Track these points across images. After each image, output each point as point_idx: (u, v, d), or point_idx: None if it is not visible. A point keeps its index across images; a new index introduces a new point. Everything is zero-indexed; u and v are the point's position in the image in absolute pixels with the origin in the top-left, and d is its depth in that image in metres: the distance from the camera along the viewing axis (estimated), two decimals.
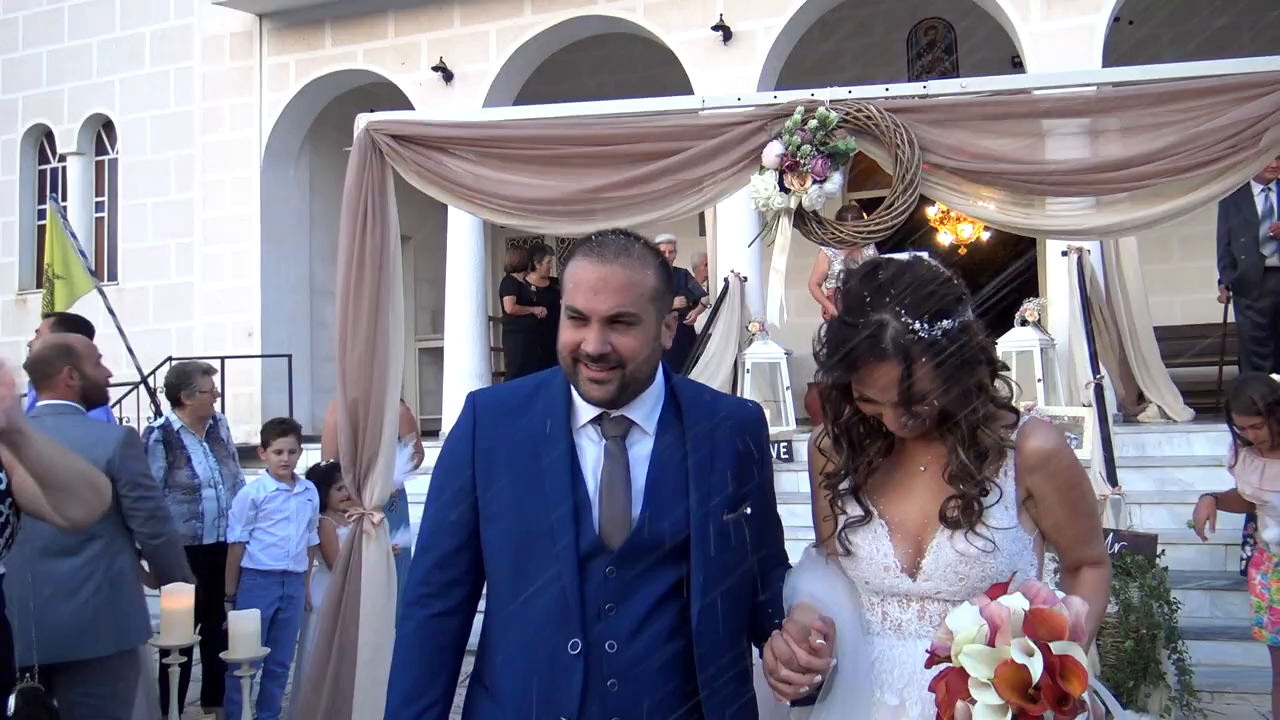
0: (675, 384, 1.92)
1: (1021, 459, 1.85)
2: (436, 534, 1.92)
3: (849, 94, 3.14)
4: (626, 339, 1.76)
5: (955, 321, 1.75)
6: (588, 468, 1.83)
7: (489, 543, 1.87)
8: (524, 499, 1.81)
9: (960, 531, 1.80)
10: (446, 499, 1.90)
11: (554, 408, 1.86)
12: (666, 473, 1.82)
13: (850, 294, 1.81)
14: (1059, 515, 1.88)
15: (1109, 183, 2.93)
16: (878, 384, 1.75)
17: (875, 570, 1.88)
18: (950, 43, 11.90)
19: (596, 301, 1.74)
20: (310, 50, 11.15)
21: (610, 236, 1.83)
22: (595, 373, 1.76)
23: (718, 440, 1.87)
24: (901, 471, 1.92)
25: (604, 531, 1.79)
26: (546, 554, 1.78)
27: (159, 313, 11.64)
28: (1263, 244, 7.41)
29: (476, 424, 1.90)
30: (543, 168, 3.44)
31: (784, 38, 9.57)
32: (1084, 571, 1.96)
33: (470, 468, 1.87)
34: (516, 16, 10.32)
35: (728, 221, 8.96)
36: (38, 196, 12.94)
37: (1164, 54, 10.46)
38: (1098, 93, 3.18)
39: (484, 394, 2.00)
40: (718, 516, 1.82)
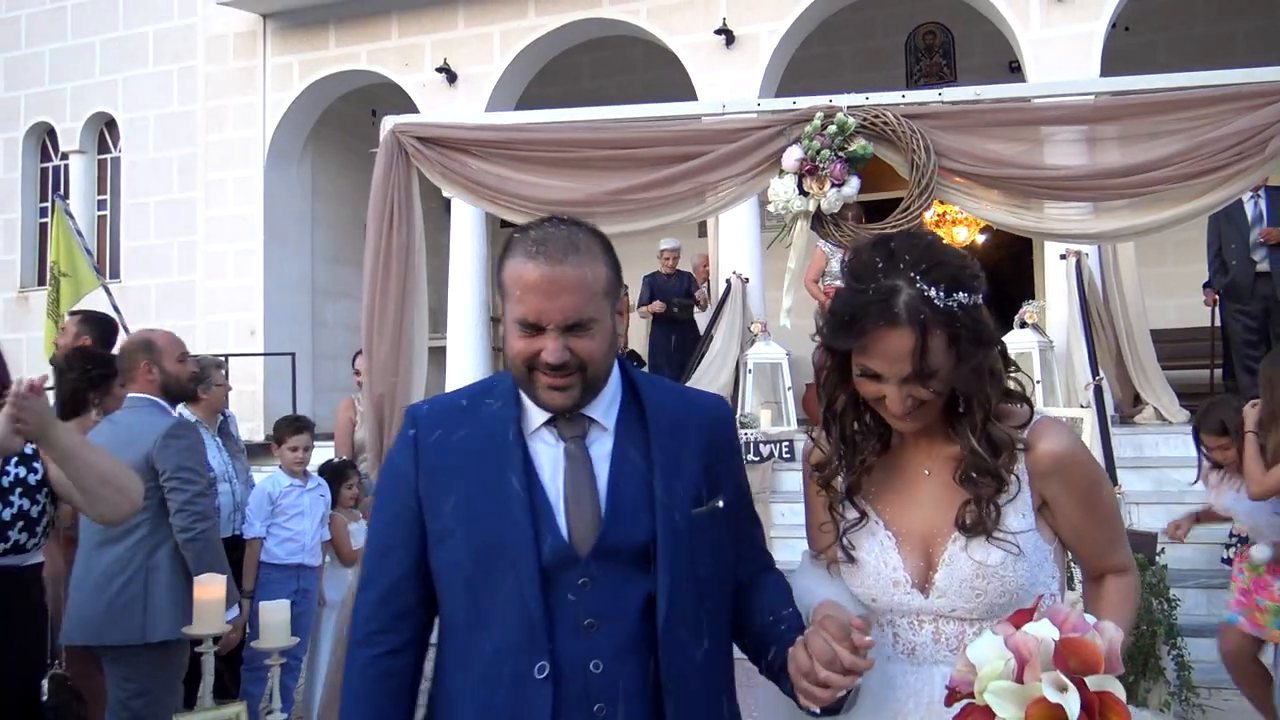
0: (633, 376, 1.78)
1: (1033, 463, 1.70)
2: (381, 562, 1.74)
3: (866, 100, 3.22)
4: (586, 342, 1.62)
5: (971, 298, 1.62)
6: (546, 472, 1.67)
7: (440, 566, 1.69)
8: (477, 513, 1.65)
9: (978, 539, 1.66)
10: (390, 523, 1.74)
11: (503, 412, 1.71)
12: (630, 469, 1.68)
13: (860, 262, 1.66)
14: (1078, 522, 1.73)
15: (1111, 188, 3.03)
16: (887, 354, 1.60)
17: (883, 585, 1.73)
18: (948, 48, 12.01)
19: (551, 310, 1.58)
20: (314, 51, 11.21)
21: (551, 230, 1.64)
22: (555, 379, 1.62)
23: (682, 432, 1.73)
24: (904, 477, 1.78)
25: (574, 538, 1.63)
26: (505, 568, 1.62)
27: (161, 311, 11.68)
28: (1253, 250, 7.55)
29: (418, 440, 1.73)
30: (565, 170, 3.52)
31: (786, 42, 9.67)
32: (1108, 581, 1.80)
33: (414, 487, 1.71)
34: (520, 18, 10.40)
35: (730, 223, 9.05)
36: (40, 194, 12.97)
37: (1161, 60, 10.59)
38: (1103, 101, 3.27)
39: (423, 406, 1.83)
40: (685, 511, 1.67)
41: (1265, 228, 7.45)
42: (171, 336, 4.15)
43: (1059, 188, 3.07)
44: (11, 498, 2.66)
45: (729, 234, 9.23)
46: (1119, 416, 7.96)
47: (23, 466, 2.74)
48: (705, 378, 8.62)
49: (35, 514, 2.71)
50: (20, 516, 2.67)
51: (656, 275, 9.78)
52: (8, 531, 2.62)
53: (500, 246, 1.71)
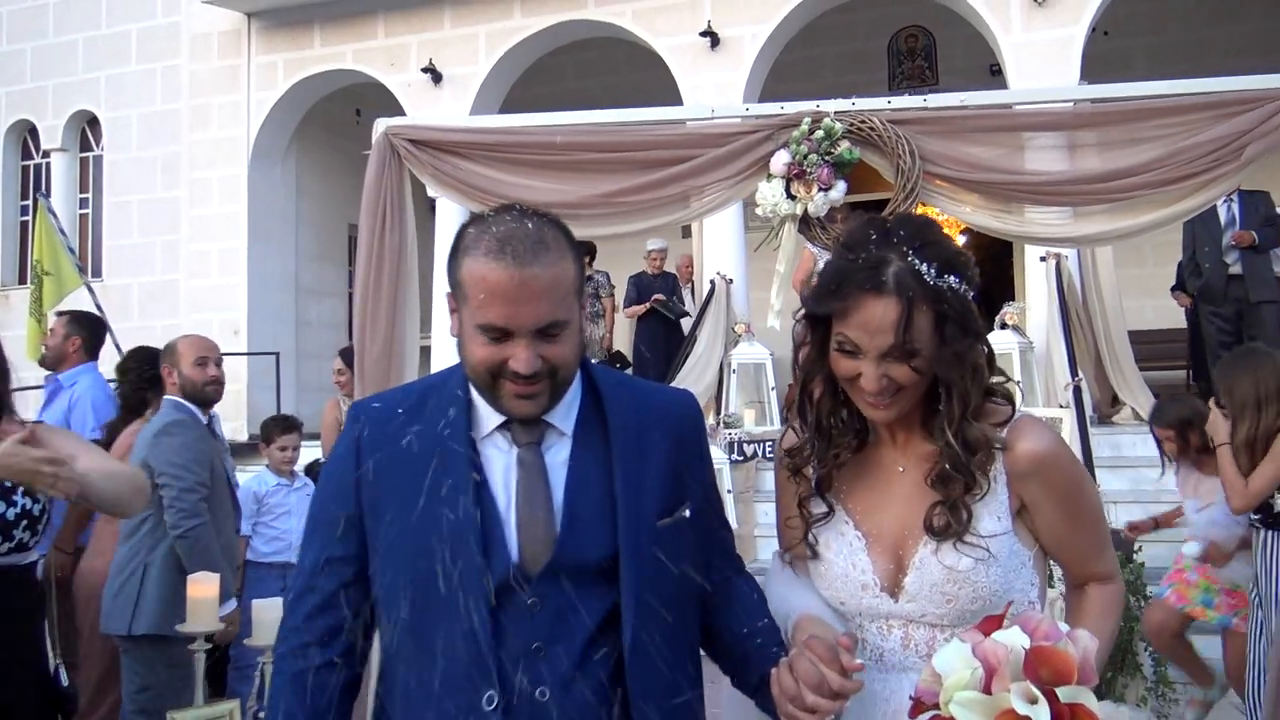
0: (593, 374, 1.64)
1: (1012, 463, 1.62)
2: (317, 572, 1.59)
3: (853, 105, 3.29)
4: (558, 347, 1.50)
5: (962, 285, 1.56)
6: (497, 481, 1.54)
7: (380, 582, 1.55)
8: (420, 524, 1.51)
9: (948, 543, 1.59)
10: (328, 529, 1.60)
11: (451, 414, 1.57)
12: (589, 478, 1.55)
13: (854, 234, 1.60)
14: (1059, 527, 1.64)
15: (1090, 193, 3.10)
16: (868, 324, 1.53)
17: (852, 588, 1.65)
18: (930, 51, 12.12)
19: (521, 315, 1.45)
20: (299, 50, 11.20)
21: (514, 225, 1.49)
22: (525, 388, 1.49)
23: (647, 435, 1.60)
24: (877, 474, 1.70)
25: (524, 555, 1.51)
26: (450, 588, 1.48)
27: (144, 310, 11.64)
28: (1225, 253, 7.68)
29: (361, 439, 1.60)
30: (557, 172, 3.57)
31: (770, 44, 9.74)
32: (1091, 589, 1.71)
33: (355, 491, 1.57)
34: (506, 19, 10.43)
35: (714, 225, 9.11)
36: (21, 192, 12.90)
37: (1140, 64, 10.73)
38: (1083, 107, 3.35)
39: (369, 402, 1.69)
40: (650, 524, 1.55)
41: (1237, 231, 7.57)
42: (196, 341, 4.23)
43: (1039, 192, 3.15)
44: (15, 497, 2.68)
45: (713, 236, 9.30)
46: (1097, 416, 8.07)
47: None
48: (690, 378, 8.68)
49: (38, 512, 2.74)
50: (24, 515, 2.69)
51: (642, 276, 9.84)
52: (12, 530, 2.66)
53: None
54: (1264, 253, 7.59)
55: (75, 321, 5.10)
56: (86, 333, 5.08)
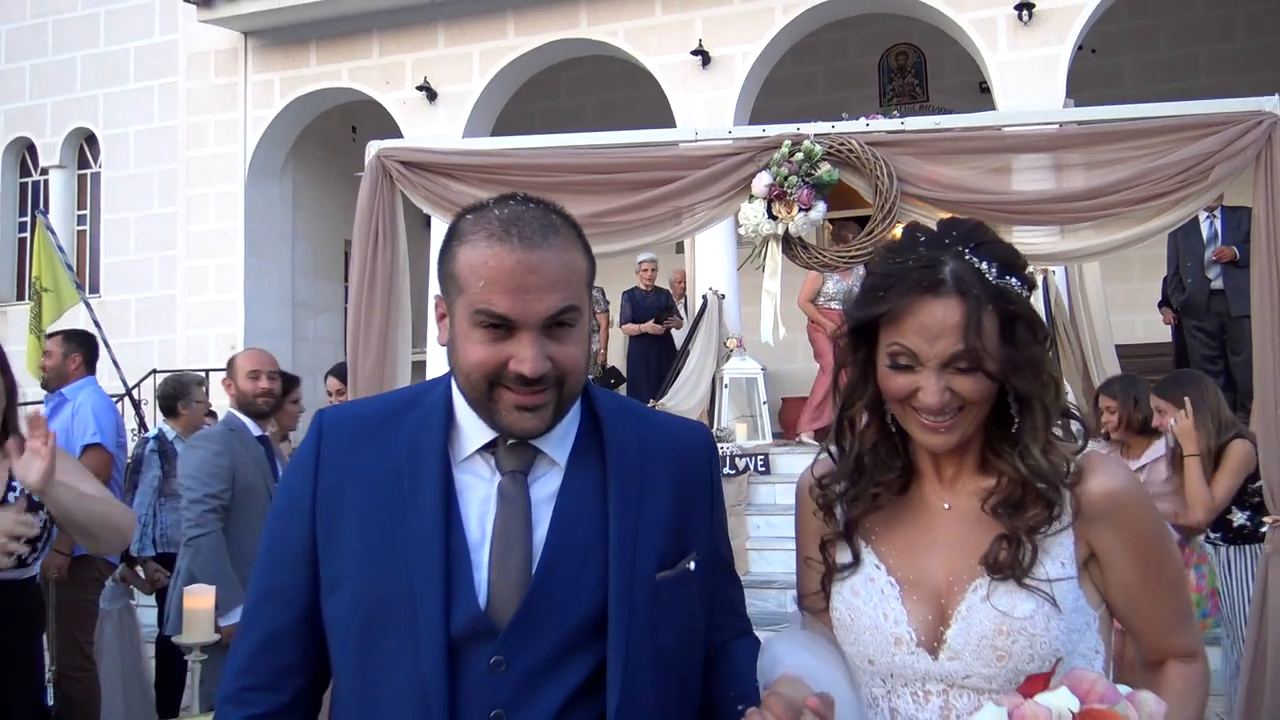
0: (594, 397, 1.44)
1: (1083, 502, 1.38)
2: (265, 605, 1.40)
3: (832, 129, 3.38)
4: (568, 347, 1.31)
5: (1024, 286, 1.37)
6: (471, 514, 1.33)
7: (331, 621, 1.36)
8: (376, 558, 1.32)
9: (1007, 584, 1.34)
10: (277, 556, 1.41)
11: (427, 431, 1.37)
12: (578, 517, 1.34)
13: (901, 241, 1.43)
14: (1134, 585, 1.39)
15: (1070, 212, 3.19)
16: (927, 328, 1.32)
17: (882, 642, 1.40)
18: (920, 68, 12.26)
19: (530, 302, 1.26)
20: (295, 68, 11.31)
21: (519, 208, 1.32)
22: (529, 397, 1.29)
23: (650, 471, 1.40)
24: (914, 513, 1.46)
25: (493, 604, 1.29)
26: (402, 636, 1.29)
27: (141, 325, 11.72)
28: (1207, 268, 7.80)
29: (321, 454, 1.40)
30: (545, 193, 3.60)
31: (761, 62, 9.86)
32: (1170, 669, 1.45)
33: (310, 514, 1.37)
34: (500, 38, 10.55)
35: (706, 241, 9.21)
36: (19, 209, 12.99)
37: (1127, 82, 10.87)
38: (1061, 130, 3.45)
39: (335, 412, 1.48)
40: (648, 576, 1.34)
41: (1219, 246, 7.69)
42: (252, 355, 4.39)
43: (1015, 211, 3.24)
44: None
45: (705, 251, 9.40)
46: (1085, 430, 8.14)
47: None
48: (682, 392, 8.77)
49: (38, 528, 2.82)
50: None
51: (635, 291, 9.93)
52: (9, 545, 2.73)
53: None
54: (1246, 268, 7.68)
55: (70, 340, 5.18)
56: (84, 349, 5.16)
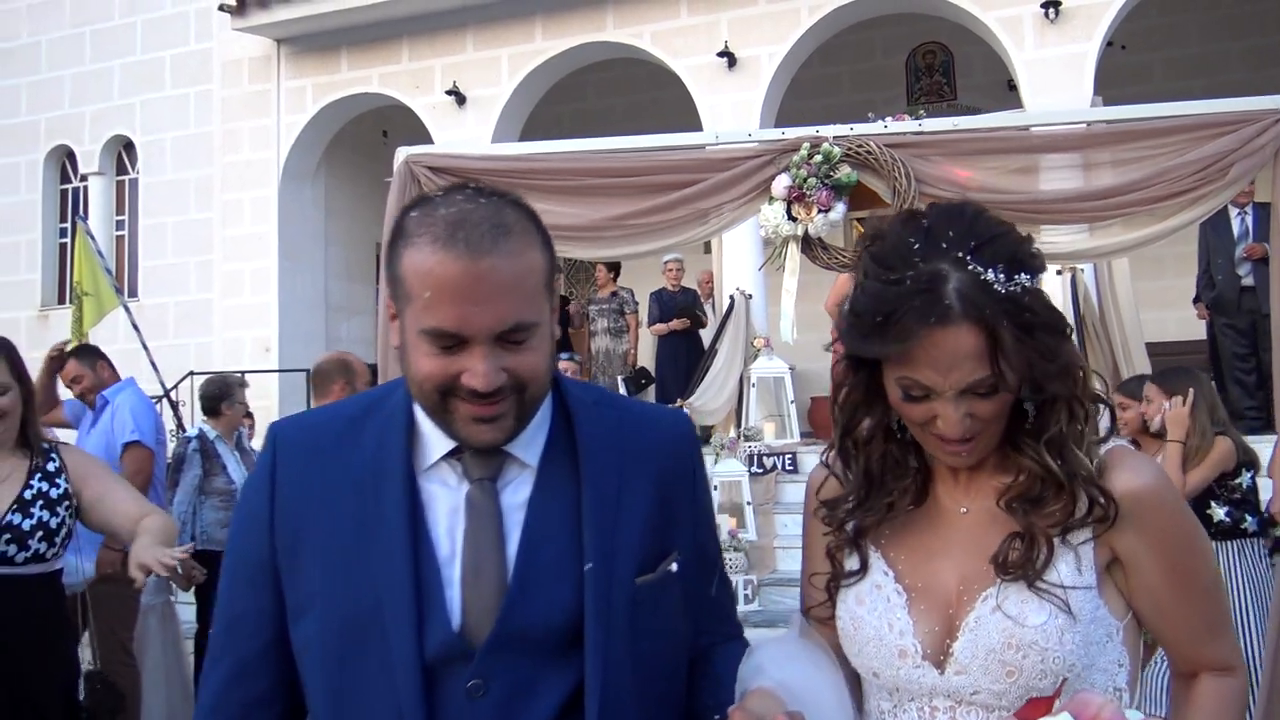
0: (565, 392, 1.35)
1: None
2: (231, 633, 1.32)
3: (850, 131, 3.44)
4: (526, 356, 1.21)
5: (1035, 278, 1.24)
6: (440, 527, 1.25)
7: (300, 647, 1.28)
8: (342, 580, 1.24)
9: (1018, 587, 1.25)
10: (239, 582, 1.33)
11: (388, 440, 1.28)
12: (553, 524, 1.26)
13: (889, 245, 1.27)
14: (1162, 591, 1.28)
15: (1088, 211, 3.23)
16: (940, 361, 1.21)
17: (887, 655, 1.31)
18: (948, 67, 12.23)
19: (478, 317, 1.16)
20: (327, 74, 11.49)
21: (467, 206, 1.19)
22: (485, 408, 1.20)
23: (628, 467, 1.31)
24: (928, 517, 1.37)
25: (468, 624, 1.22)
26: (372, 662, 1.22)
27: (179, 328, 11.94)
28: (1238, 265, 7.75)
29: (276, 470, 1.31)
30: (568, 197, 3.74)
31: (786, 63, 9.89)
32: (1204, 682, 1.33)
33: (268, 535, 1.29)
34: (528, 42, 10.65)
35: (733, 242, 9.26)
36: (59, 215, 13.27)
37: (1157, 78, 10.80)
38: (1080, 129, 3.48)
39: (290, 424, 1.39)
40: (626, 582, 1.26)
41: (1250, 243, 7.64)
42: (363, 364, 4.45)
43: (1035, 210, 3.28)
44: (33, 509, 2.84)
45: (732, 252, 9.45)
46: (1114, 428, 8.11)
47: (45, 481, 2.92)
48: (709, 391, 8.82)
49: (54, 525, 2.88)
50: (40, 527, 2.83)
51: (663, 292, 10.00)
52: (28, 540, 2.80)
53: None
54: None
55: (84, 354, 5.27)
56: (101, 355, 5.29)
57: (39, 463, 2.93)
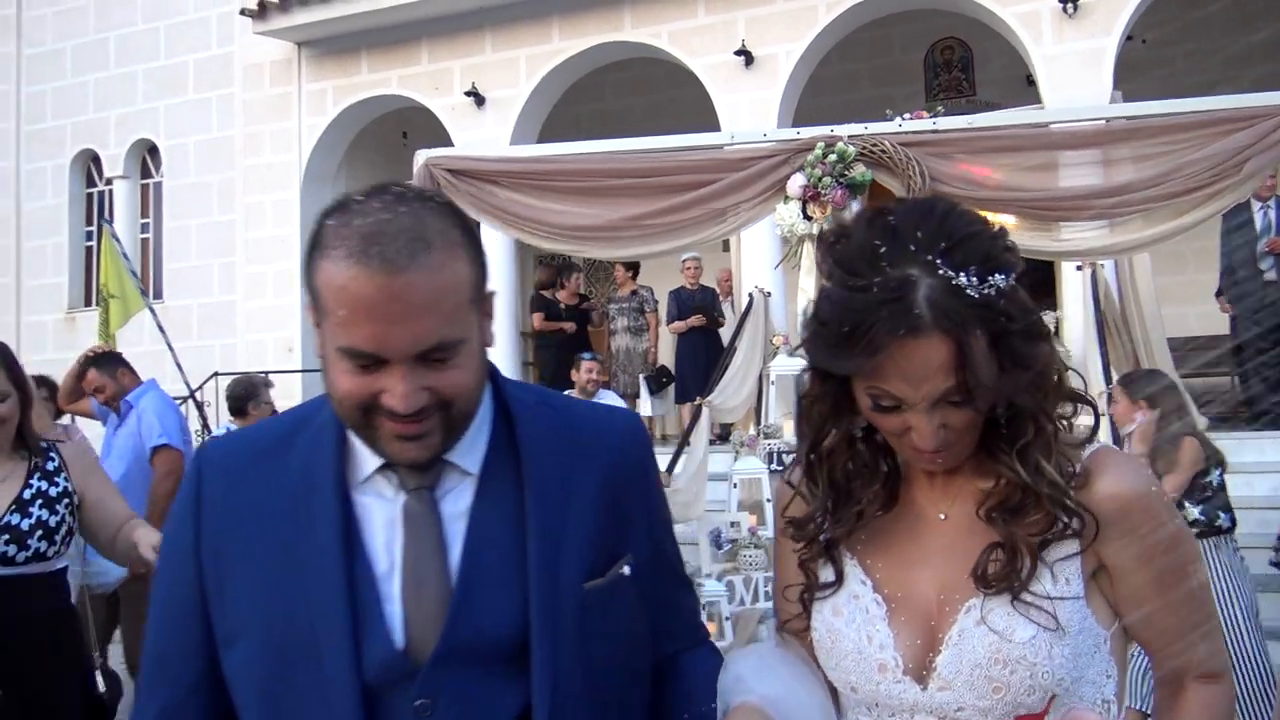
0: (506, 392, 1.29)
1: (1091, 506, 1.22)
2: (159, 670, 1.26)
3: (865, 130, 3.46)
4: (450, 374, 1.14)
5: (1010, 278, 1.17)
6: (376, 541, 1.20)
7: (231, 679, 1.21)
8: (273, 605, 1.18)
9: (1001, 601, 1.19)
10: (167, 614, 1.27)
11: (319, 454, 1.22)
12: (497, 531, 1.21)
13: (853, 247, 1.19)
14: (1146, 600, 1.24)
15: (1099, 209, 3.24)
16: (911, 373, 1.15)
17: (866, 669, 1.25)
18: (967, 63, 12.18)
19: (395, 338, 1.10)
20: (347, 77, 11.58)
21: (384, 215, 1.11)
22: (408, 427, 1.14)
23: (574, 470, 1.25)
24: (905, 523, 1.31)
25: (412, 640, 1.16)
26: (310, 687, 1.15)
27: (203, 330, 12.07)
28: (1260, 259, 7.70)
29: (202, 494, 1.25)
30: (585, 197, 3.78)
31: (804, 61, 9.89)
32: (1189, 690, 1.28)
33: (194, 562, 1.23)
34: (545, 43, 10.70)
35: (752, 240, 9.28)
36: (85, 219, 13.44)
37: (1178, 72, 10.70)
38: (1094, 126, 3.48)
39: (217, 445, 1.35)
40: (574, 587, 1.20)
41: (1272, 238, 7.60)
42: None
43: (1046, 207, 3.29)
44: (31, 509, 2.84)
45: (750, 250, 9.47)
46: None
47: (44, 480, 2.92)
48: (729, 389, 8.84)
49: (54, 523, 2.87)
50: (39, 526, 2.83)
51: (681, 290, 10.02)
52: (27, 540, 2.80)
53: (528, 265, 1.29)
54: None
55: (102, 361, 5.34)
56: (121, 361, 5.37)
57: (38, 462, 2.93)
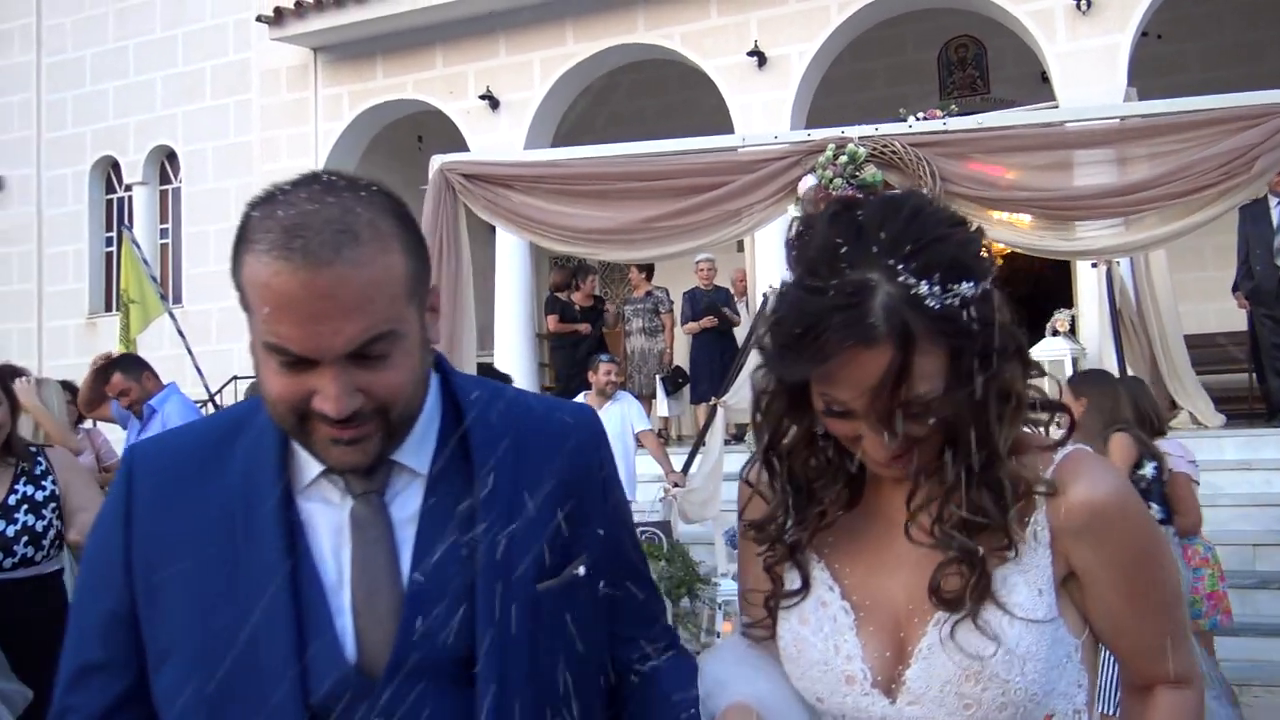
0: (456, 387, 1.23)
1: (1060, 514, 1.17)
2: (74, 686, 1.16)
3: (875, 131, 3.48)
4: (387, 374, 1.07)
5: (978, 286, 1.11)
6: (324, 550, 1.12)
7: (161, 701, 1.12)
8: (211, 620, 1.09)
9: (964, 619, 1.14)
10: (91, 626, 1.17)
11: (260, 457, 1.14)
12: (448, 535, 1.14)
13: (816, 245, 1.13)
14: (1116, 608, 1.19)
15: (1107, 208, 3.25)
16: (861, 381, 1.09)
17: (832, 680, 1.20)
18: (981, 60, 12.16)
19: (325, 334, 1.03)
20: (362, 81, 11.66)
21: (309, 206, 1.04)
22: (344, 431, 1.07)
23: (525, 467, 1.19)
24: (874, 525, 1.26)
25: (364, 656, 1.09)
26: (252, 714, 1.07)
27: (222, 334, 12.17)
28: (1277, 255, 7.66)
29: (133, 499, 1.16)
30: (598, 201, 3.82)
31: (817, 61, 9.90)
32: (1158, 696, 1.24)
33: (124, 574, 1.14)
34: (559, 46, 10.75)
35: (765, 240, 9.29)
36: (105, 225, 13.58)
37: (1193, 68, 10.68)
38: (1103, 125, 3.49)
39: (149, 445, 1.25)
40: (525, 589, 1.14)
41: None
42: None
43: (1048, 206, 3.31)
44: (17, 515, 2.86)
45: (764, 250, 9.48)
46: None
47: (31, 485, 2.94)
48: (744, 389, 8.86)
49: (41, 528, 2.90)
50: (25, 531, 2.85)
51: (695, 291, 10.06)
52: (14, 546, 2.83)
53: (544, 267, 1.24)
54: None
55: (127, 365, 5.41)
56: (145, 365, 5.44)
57: (24, 467, 2.94)
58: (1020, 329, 1.19)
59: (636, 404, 7.08)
